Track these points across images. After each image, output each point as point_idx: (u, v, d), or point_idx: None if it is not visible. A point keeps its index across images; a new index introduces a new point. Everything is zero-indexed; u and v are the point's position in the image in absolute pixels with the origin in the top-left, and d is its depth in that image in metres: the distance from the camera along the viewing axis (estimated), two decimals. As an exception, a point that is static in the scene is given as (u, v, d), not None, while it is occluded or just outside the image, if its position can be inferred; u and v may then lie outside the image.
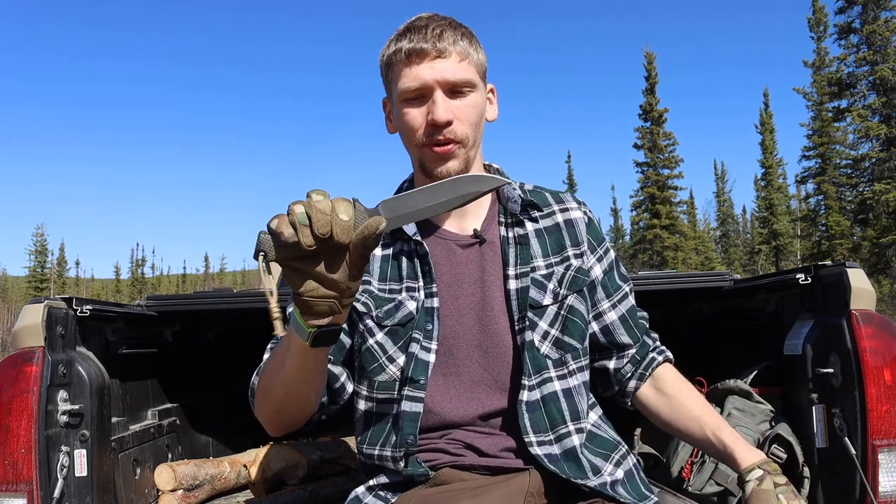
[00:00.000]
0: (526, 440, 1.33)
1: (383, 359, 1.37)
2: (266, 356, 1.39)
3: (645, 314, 1.55)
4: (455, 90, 1.35)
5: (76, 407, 1.72)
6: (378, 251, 1.43)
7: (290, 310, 1.20)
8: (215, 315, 2.64)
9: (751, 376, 2.13)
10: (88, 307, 1.82)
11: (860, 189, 25.65)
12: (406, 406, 1.34)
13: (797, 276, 1.89)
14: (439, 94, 1.33)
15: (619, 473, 1.37)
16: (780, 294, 2.10)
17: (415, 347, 1.35)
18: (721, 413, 2.07)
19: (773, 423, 2.00)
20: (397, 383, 1.36)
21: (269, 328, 1.06)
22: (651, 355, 1.49)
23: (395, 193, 1.49)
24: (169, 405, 2.47)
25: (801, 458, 1.88)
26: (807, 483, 1.87)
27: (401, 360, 1.37)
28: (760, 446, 1.96)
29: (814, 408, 1.83)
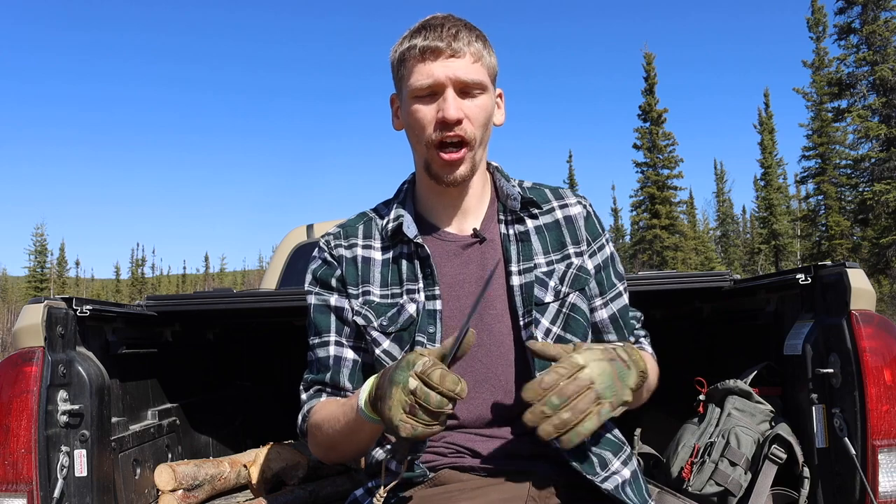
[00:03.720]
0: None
1: None
2: (312, 404, 1.41)
3: (637, 314, 1.56)
4: (466, 90, 1.35)
5: (76, 407, 1.72)
6: (378, 255, 1.45)
7: (362, 402, 1.21)
8: (215, 315, 2.64)
9: (751, 376, 2.12)
10: (88, 307, 1.82)
11: (860, 189, 25.66)
12: None
13: (797, 276, 1.89)
14: (450, 93, 1.33)
15: (626, 473, 1.37)
16: (780, 294, 2.10)
17: None
18: (721, 413, 2.07)
19: (773, 423, 2.00)
20: None
21: (269, 328, 1.09)
22: None
23: (396, 196, 1.51)
24: (169, 405, 2.46)
25: (801, 458, 1.88)
26: (807, 483, 1.87)
27: None
28: (760, 446, 1.96)
29: (814, 408, 1.83)
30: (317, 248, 1.50)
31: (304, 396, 1.45)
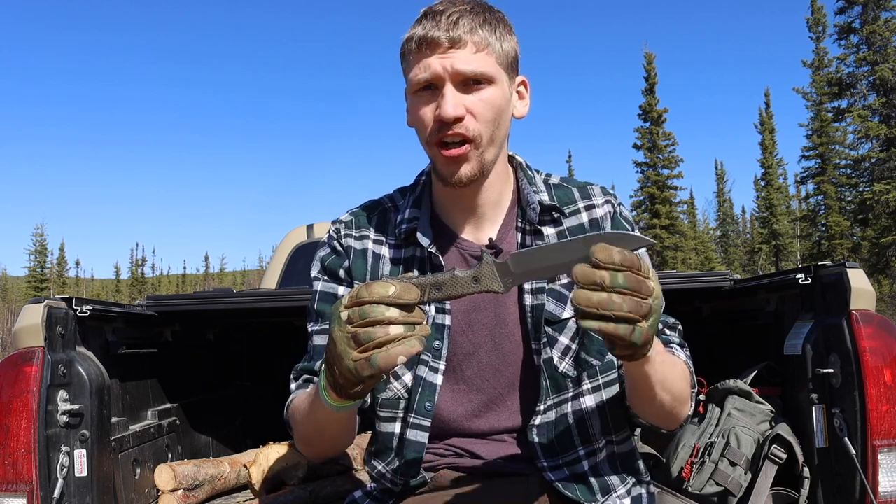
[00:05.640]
0: (538, 465, 1.30)
1: (387, 374, 1.31)
2: (296, 395, 1.34)
3: (668, 320, 1.41)
4: (468, 83, 1.23)
5: (76, 407, 1.72)
6: (388, 253, 1.36)
7: (322, 385, 1.10)
8: (215, 315, 2.64)
9: (751, 376, 2.12)
10: (88, 307, 1.82)
11: (860, 189, 25.68)
12: (411, 435, 1.30)
13: (797, 276, 1.89)
14: (449, 88, 1.22)
15: (627, 501, 1.32)
16: (780, 294, 2.10)
17: (422, 370, 1.30)
18: (721, 413, 2.07)
19: (773, 423, 2.00)
20: (402, 403, 1.31)
21: (269, 328, 1.07)
22: None
23: (413, 188, 1.42)
24: (169, 405, 2.46)
25: (801, 458, 1.88)
26: (807, 483, 1.87)
27: (407, 378, 1.31)
28: (760, 446, 1.96)
29: (814, 408, 1.83)
30: (327, 234, 1.43)
31: (292, 386, 1.38)
